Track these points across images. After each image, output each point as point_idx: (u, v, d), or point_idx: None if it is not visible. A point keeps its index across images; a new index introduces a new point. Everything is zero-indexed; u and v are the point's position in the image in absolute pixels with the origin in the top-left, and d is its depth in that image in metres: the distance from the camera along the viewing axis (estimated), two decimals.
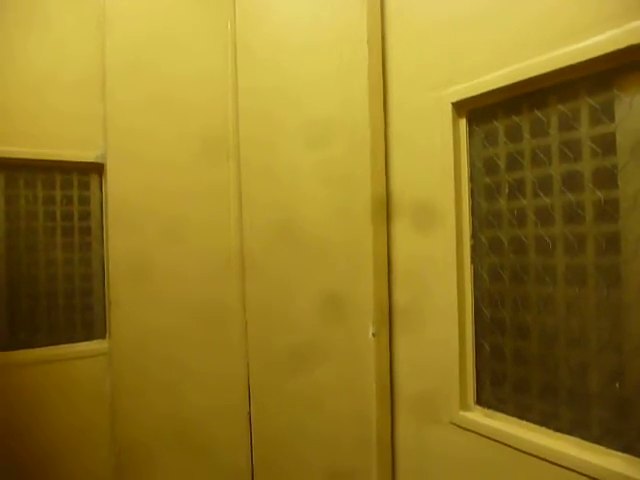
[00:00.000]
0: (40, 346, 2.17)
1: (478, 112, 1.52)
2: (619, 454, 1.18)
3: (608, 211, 1.21)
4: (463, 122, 1.55)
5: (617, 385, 1.20)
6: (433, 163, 1.60)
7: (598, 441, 1.23)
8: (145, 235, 2.28)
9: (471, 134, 1.55)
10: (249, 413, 2.43)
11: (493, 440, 1.43)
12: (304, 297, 2.05)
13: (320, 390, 1.98)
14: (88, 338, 2.29)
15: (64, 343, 2.22)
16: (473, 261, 1.54)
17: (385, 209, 1.75)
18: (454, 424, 1.55)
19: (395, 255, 1.75)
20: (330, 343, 1.92)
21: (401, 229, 1.73)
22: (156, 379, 2.27)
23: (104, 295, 2.32)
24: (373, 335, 1.72)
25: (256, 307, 2.39)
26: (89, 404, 2.21)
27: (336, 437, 1.91)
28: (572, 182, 1.28)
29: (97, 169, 2.30)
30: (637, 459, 1.15)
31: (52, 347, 2.19)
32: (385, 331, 1.74)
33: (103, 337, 2.30)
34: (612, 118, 1.20)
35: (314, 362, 2.00)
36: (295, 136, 2.07)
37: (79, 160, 2.24)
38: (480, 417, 1.50)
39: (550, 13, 1.28)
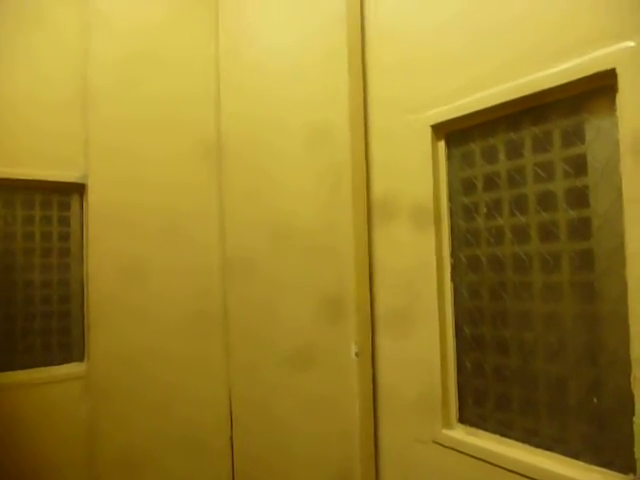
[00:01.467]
0: (17, 369, 2.12)
1: (456, 134, 1.57)
2: (598, 469, 1.20)
3: (581, 229, 1.25)
4: (442, 144, 1.60)
5: (595, 400, 1.23)
6: (413, 181, 1.64)
7: (577, 456, 1.25)
8: (126, 249, 2.26)
9: (449, 156, 1.59)
10: (231, 435, 2.40)
11: (476, 458, 1.44)
12: (294, 299, 2.04)
13: (307, 396, 1.97)
14: (66, 361, 2.24)
15: (41, 366, 2.17)
16: (453, 279, 1.57)
17: (366, 225, 1.78)
18: (437, 443, 1.55)
19: (378, 267, 1.77)
20: (311, 357, 1.91)
21: (383, 242, 1.76)
22: (135, 400, 2.23)
23: (83, 317, 2.28)
24: (356, 355, 1.72)
25: (244, 314, 2.37)
26: (66, 428, 2.15)
27: (319, 454, 1.89)
28: (546, 201, 1.33)
29: (78, 189, 2.29)
30: (615, 473, 1.17)
31: (29, 370, 2.14)
32: (368, 349, 1.75)
33: (81, 360, 2.25)
34: (583, 140, 1.25)
35: (295, 377, 1.99)
36: (281, 137, 2.09)
37: (60, 180, 2.23)
38: (462, 435, 1.51)
39: (521, 40, 1.34)
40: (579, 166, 1.26)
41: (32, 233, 2.23)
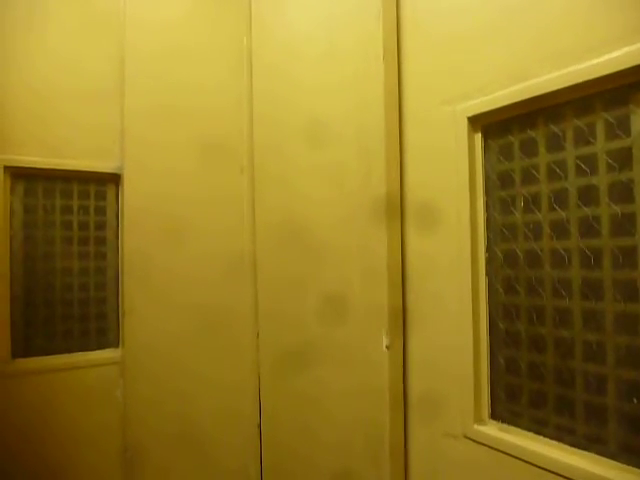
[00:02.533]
0: (55, 354, 2.19)
1: (493, 126, 1.53)
2: (634, 470, 1.17)
3: (624, 225, 1.21)
4: (478, 136, 1.56)
5: (635, 400, 1.20)
6: (448, 175, 1.61)
7: (614, 457, 1.22)
8: (159, 244, 2.31)
9: (486, 148, 1.56)
10: (259, 417, 2.43)
11: (507, 455, 1.42)
12: (314, 301, 2.05)
13: (332, 396, 1.98)
14: (102, 346, 2.31)
15: (78, 351, 2.25)
16: (488, 273, 1.55)
17: (399, 216, 1.77)
18: (468, 438, 1.54)
19: (409, 265, 1.76)
20: (341, 348, 1.92)
21: (415, 239, 1.74)
22: (168, 386, 2.29)
23: (118, 304, 2.34)
24: (387, 347, 1.72)
25: (266, 311, 2.40)
26: (101, 411, 2.22)
27: (347, 444, 1.90)
28: (588, 196, 1.29)
29: (114, 180, 2.34)
30: None
31: (66, 355, 2.21)
32: (399, 343, 1.74)
33: (116, 346, 2.31)
34: (628, 133, 1.21)
35: (325, 367, 2.00)
36: (308, 144, 2.09)
37: (97, 170, 2.28)
38: (494, 431, 1.49)
39: (565, 29, 1.30)
40: (624, 159, 1.22)
41: (70, 222, 2.29)
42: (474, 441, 1.52)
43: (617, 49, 1.18)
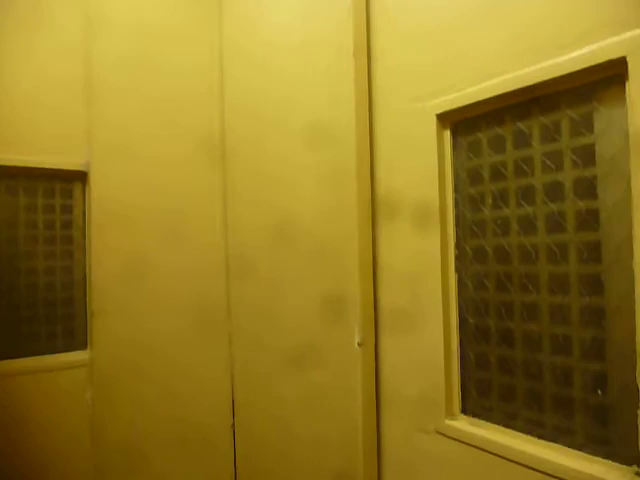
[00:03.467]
0: (20, 357, 2.13)
1: (462, 124, 1.55)
2: (601, 460, 1.20)
3: (588, 220, 1.24)
4: (447, 133, 1.58)
5: (599, 392, 1.22)
6: (418, 172, 1.62)
7: (581, 448, 1.25)
8: (129, 244, 2.25)
9: (455, 145, 1.57)
10: (233, 417, 2.41)
11: (479, 448, 1.44)
12: (296, 299, 2.03)
13: (306, 393, 1.97)
14: (69, 349, 2.24)
15: (45, 354, 2.18)
16: (457, 270, 1.56)
17: (370, 212, 1.77)
18: (440, 432, 1.55)
19: (381, 262, 1.77)
20: (315, 345, 1.91)
21: (387, 236, 1.75)
22: (138, 389, 2.24)
23: (85, 305, 2.28)
24: (359, 345, 1.72)
25: (246, 314, 2.37)
26: (70, 415, 2.16)
27: (322, 440, 1.89)
28: (554, 192, 1.31)
29: (80, 177, 2.28)
30: (619, 465, 1.17)
31: (33, 358, 2.15)
32: (371, 340, 1.74)
33: (84, 348, 2.26)
34: (591, 130, 1.24)
35: (299, 365, 1.99)
36: (284, 136, 2.07)
37: (62, 168, 2.22)
38: (465, 425, 1.51)
39: (531, 28, 1.32)
40: (588, 156, 1.24)
41: (35, 221, 2.23)
42: (446, 436, 1.54)
43: (580, 48, 1.20)
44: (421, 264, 1.61)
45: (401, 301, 1.69)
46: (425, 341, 1.59)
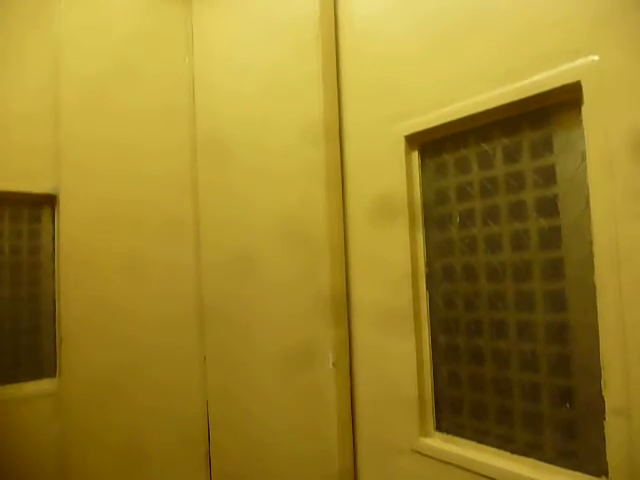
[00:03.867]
0: None
1: (429, 145, 1.59)
2: (572, 472, 1.22)
3: (551, 238, 1.28)
4: (415, 155, 1.62)
5: (567, 405, 1.25)
6: (387, 192, 1.65)
7: (552, 461, 1.27)
8: (99, 271, 2.21)
9: (423, 166, 1.61)
10: (208, 453, 2.36)
11: (453, 465, 1.45)
12: (261, 323, 2.03)
13: (281, 417, 1.96)
14: (36, 377, 2.18)
15: (11, 383, 2.11)
16: (428, 288, 1.59)
17: (342, 232, 1.79)
18: (415, 451, 1.56)
19: (353, 282, 1.78)
20: (289, 368, 1.90)
21: (358, 256, 1.77)
22: (109, 418, 2.18)
23: (54, 332, 2.22)
24: (333, 365, 1.72)
25: (215, 349, 2.35)
26: (36, 447, 2.08)
27: (300, 458, 1.87)
28: (518, 211, 1.35)
29: (49, 201, 2.24)
30: (589, 477, 1.19)
31: None
32: (345, 360, 1.75)
33: (53, 376, 2.19)
34: (552, 151, 1.29)
35: (274, 388, 1.98)
36: (253, 175, 2.10)
37: (30, 192, 2.17)
38: (439, 443, 1.52)
39: (491, 55, 1.37)
40: (548, 176, 1.29)
41: (1, 247, 2.17)
42: (421, 454, 1.54)
43: (537, 73, 1.26)
44: (394, 282, 1.63)
45: (375, 318, 1.71)
46: (398, 358, 1.61)
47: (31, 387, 2.14)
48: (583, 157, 1.20)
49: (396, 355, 1.62)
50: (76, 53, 2.25)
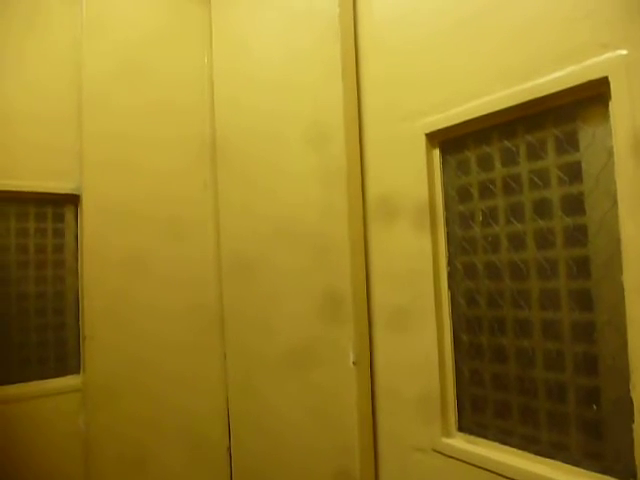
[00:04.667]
0: (12, 383, 2.10)
1: (451, 142, 1.57)
2: (598, 475, 1.20)
3: (577, 236, 1.25)
4: (437, 152, 1.60)
5: (594, 407, 1.23)
6: (408, 191, 1.64)
7: (578, 463, 1.25)
8: (121, 266, 2.24)
9: (444, 163, 1.60)
10: (229, 448, 2.38)
11: (475, 466, 1.43)
12: (292, 306, 2.02)
13: (302, 415, 1.96)
14: (62, 374, 2.22)
15: (37, 379, 2.15)
16: (450, 287, 1.57)
17: (362, 232, 1.78)
18: (436, 451, 1.55)
19: (374, 281, 1.77)
20: (310, 365, 1.90)
21: (379, 255, 1.76)
22: (132, 414, 2.21)
23: (78, 329, 2.26)
24: (354, 363, 1.71)
25: (236, 345, 2.36)
26: (62, 441, 2.13)
27: (320, 452, 1.88)
28: (542, 209, 1.33)
29: (72, 200, 2.28)
30: None
31: (24, 384, 2.12)
32: (366, 359, 1.74)
33: (77, 372, 2.23)
34: (577, 147, 1.26)
35: (295, 385, 1.98)
36: (275, 146, 2.09)
37: (54, 192, 2.21)
38: (462, 443, 1.50)
39: (515, 50, 1.35)
40: (574, 173, 1.27)
41: (26, 245, 2.22)
42: (442, 454, 1.53)
43: (564, 68, 1.23)
44: (415, 280, 1.62)
45: (396, 316, 1.70)
46: (420, 357, 1.59)
47: (56, 383, 2.18)
48: (610, 154, 1.18)
49: (417, 354, 1.60)
50: (97, 52, 2.28)
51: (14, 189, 2.14)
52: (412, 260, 1.63)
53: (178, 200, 2.41)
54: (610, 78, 1.15)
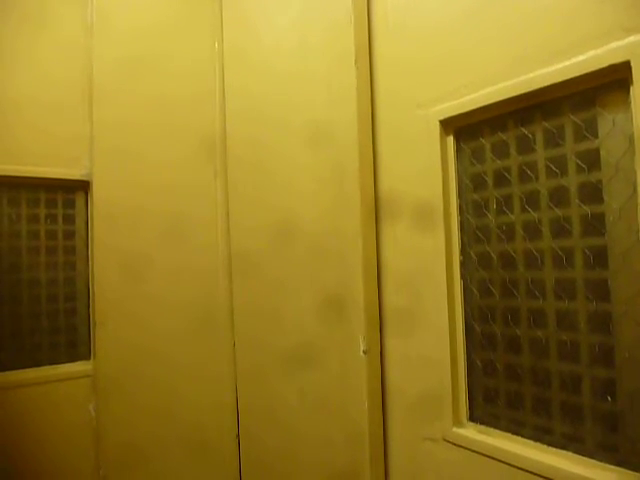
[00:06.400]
0: (23, 367, 2.12)
1: (465, 129, 1.55)
2: (613, 467, 1.18)
3: (594, 225, 1.23)
4: (450, 139, 1.57)
5: (609, 398, 1.21)
6: (421, 178, 1.62)
7: (592, 455, 1.23)
8: (131, 254, 2.25)
9: (458, 151, 1.57)
10: (237, 437, 2.39)
11: (486, 456, 1.42)
12: (299, 299, 2.01)
13: (312, 403, 1.96)
14: (72, 359, 2.24)
15: (48, 364, 2.17)
16: (463, 276, 1.55)
17: (374, 219, 1.76)
18: (447, 441, 1.54)
19: (385, 269, 1.76)
20: (320, 353, 1.90)
21: (390, 243, 1.74)
22: (142, 400, 2.23)
23: (89, 315, 2.27)
24: (364, 352, 1.71)
25: (248, 315, 2.36)
26: (73, 426, 2.15)
27: (329, 443, 1.88)
28: (559, 197, 1.30)
29: (83, 187, 2.28)
30: (630, 472, 1.15)
31: (35, 369, 2.14)
32: (376, 347, 1.73)
33: (87, 358, 2.25)
34: (596, 134, 1.23)
35: (304, 373, 1.98)
36: (285, 137, 2.07)
37: (64, 177, 2.22)
38: (473, 433, 1.49)
39: (532, 33, 1.31)
40: (592, 161, 1.24)
41: (37, 231, 2.22)
42: (453, 444, 1.52)
43: (583, 53, 1.20)
44: (426, 269, 1.60)
45: (406, 305, 1.68)
46: (431, 347, 1.58)
47: (67, 369, 2.20)
48: (631, 141, 1.15)
49: (428, 343, 1.59)
50: (108, 41, 2.28)
51: (25, 174, 2.15)
52: (424, 250, 1.61)
53: (188, 189, 2.41)
54: (632, 63, 1.12)
